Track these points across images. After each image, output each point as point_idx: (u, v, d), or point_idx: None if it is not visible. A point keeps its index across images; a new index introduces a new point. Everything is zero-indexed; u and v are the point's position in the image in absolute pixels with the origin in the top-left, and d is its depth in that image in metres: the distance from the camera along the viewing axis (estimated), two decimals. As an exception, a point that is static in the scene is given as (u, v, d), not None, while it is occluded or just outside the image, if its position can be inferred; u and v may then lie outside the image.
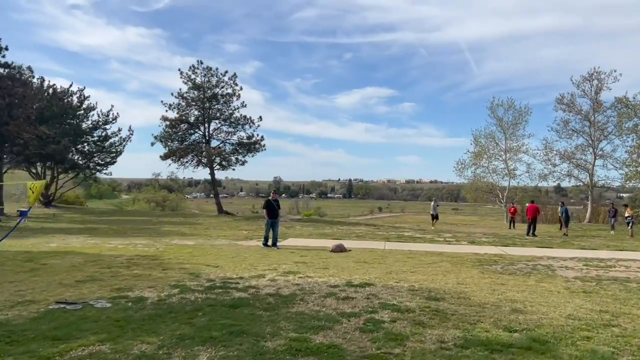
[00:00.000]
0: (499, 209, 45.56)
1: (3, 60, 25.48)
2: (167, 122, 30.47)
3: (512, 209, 30.74)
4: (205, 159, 31.03)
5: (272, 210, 15.76)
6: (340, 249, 14.48)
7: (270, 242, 15.24)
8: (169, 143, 30.99)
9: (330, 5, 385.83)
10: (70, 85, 33.28)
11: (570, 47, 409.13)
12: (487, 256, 14.11)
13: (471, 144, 44.65)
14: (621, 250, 16.73)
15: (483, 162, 44.01)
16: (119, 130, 35.88)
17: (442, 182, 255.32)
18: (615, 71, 36.02)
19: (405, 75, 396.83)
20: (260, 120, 32.28)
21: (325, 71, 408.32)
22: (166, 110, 30.83)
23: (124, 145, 36.18)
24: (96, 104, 34.43)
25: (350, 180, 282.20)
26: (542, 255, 14.47)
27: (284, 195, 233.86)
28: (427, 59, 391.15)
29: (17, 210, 23.58)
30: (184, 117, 30.95)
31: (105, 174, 36.60)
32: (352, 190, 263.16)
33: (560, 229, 25.48)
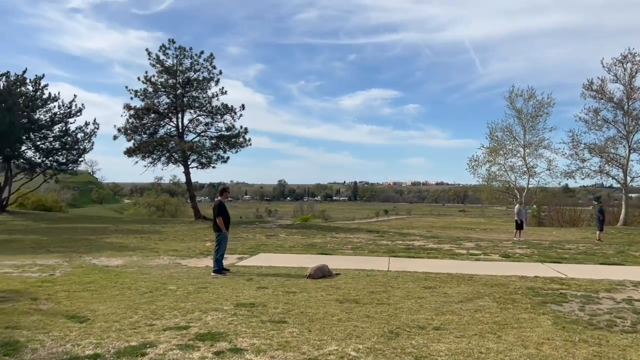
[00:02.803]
0: (508, 210, 41.05)
1: None
2: (132, 112, 25.65)
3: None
4: (177, 155, 26.12)
5: (228, 217, 10.93)
6: (321, 274, 9.76)
7: (221, 264, 10.41)
8: (135, 136, 26.16)
9: (331, 6, 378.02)
10: (24, 72, 28.74)
11: (578, 45, 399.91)
12: (541, 282, 9.36)
13: (486, 138, 39.99)
14: None
15: (499, 159, 39.56)
16: (86, 124, 31.34)
17: (448, 184, 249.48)
18: (652, 51, 31.16)
19: (410, 76, 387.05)
20: (243, 109, 27.28)
21: (329, 73, 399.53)
22: (131, 98, 26.03)
23: (91, 142, 31.73)
24: (58, 94, 29.84)
25: (355, 182, 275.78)
26: (621, 279, 9.68)
27: (288, 198, 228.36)
28: (431, 59, 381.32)
29: None
30: (152, 106, 26.16)
31: (70, 172, 31.93)
32: (358, 193, 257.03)
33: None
